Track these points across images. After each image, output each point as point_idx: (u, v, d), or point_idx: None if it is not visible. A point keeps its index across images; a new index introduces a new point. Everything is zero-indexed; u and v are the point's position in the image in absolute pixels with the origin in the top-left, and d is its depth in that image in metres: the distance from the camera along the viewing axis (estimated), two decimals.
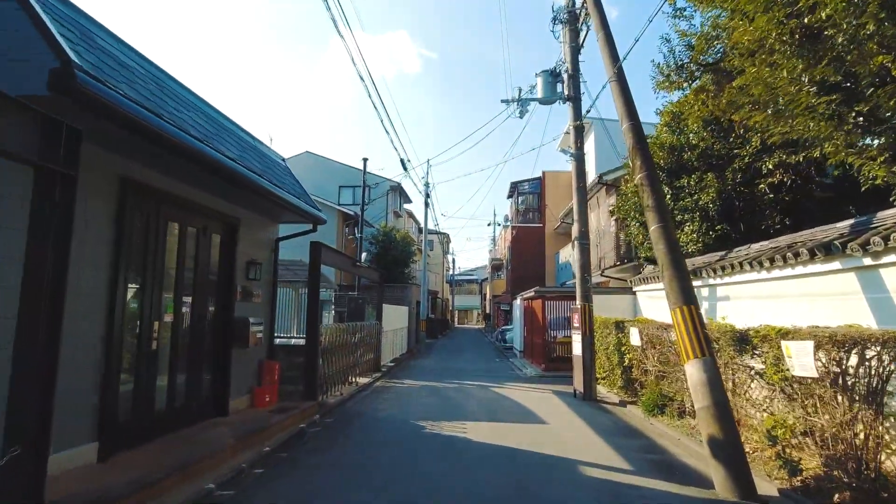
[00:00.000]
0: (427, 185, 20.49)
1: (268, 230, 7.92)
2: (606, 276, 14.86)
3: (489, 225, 71.19)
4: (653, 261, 13.33)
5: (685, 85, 8.25)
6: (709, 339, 5.55)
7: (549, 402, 9.78)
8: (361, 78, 15.27)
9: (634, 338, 8.88)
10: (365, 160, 17.21)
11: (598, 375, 10.47)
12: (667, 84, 8.35)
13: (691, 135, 10.91)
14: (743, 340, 5.86)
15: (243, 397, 7.07)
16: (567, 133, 12.72)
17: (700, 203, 10.19)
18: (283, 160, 8.53)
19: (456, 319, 63.92)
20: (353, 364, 11.08)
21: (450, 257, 51.78)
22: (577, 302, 10.41)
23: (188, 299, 6.02)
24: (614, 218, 14.69)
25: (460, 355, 20.09)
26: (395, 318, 17.10)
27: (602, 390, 10.44)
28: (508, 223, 29.59)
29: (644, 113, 18.43)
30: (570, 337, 14.48)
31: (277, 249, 8.11)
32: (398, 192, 29.36)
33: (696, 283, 8.90)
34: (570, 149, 10.72)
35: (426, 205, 20.50)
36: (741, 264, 7.41)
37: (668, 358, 8.08)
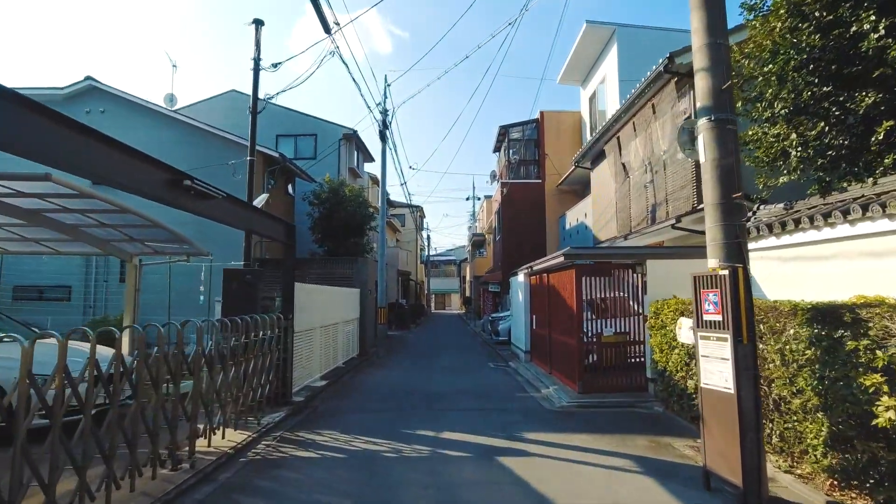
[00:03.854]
0: (385, 112, 14.09)
1: None
2: (679, 229, 8.95)
3: (468, 199, 65.38)
4: (770, 200, 7.36)
5: None
6: None
7: None
8: None
9: None
10: (258, 22, 9.78)
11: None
12: None
13: None
14: None
15: None
16: None
17: None
18: None
19: (433, 304, 57.96)
20: (201, 407, 4.90)
21: (424, 234, 45.40)
22: (711, 262, 4.39)
23: None
24: None
25: (436, 359, 14.00)
26: (333, 307, 10.92)
27: (769, 469, 4.48)
28: (496, 181, 23.39)
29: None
30: (623, 335, 8.57)
31: None
32: (354, 143, 22.84)
33: None
34: None
35: (383, 139, 13.98)
36: None
37: None
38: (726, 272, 4.15)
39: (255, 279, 7.37)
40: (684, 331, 6.19)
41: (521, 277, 13.18)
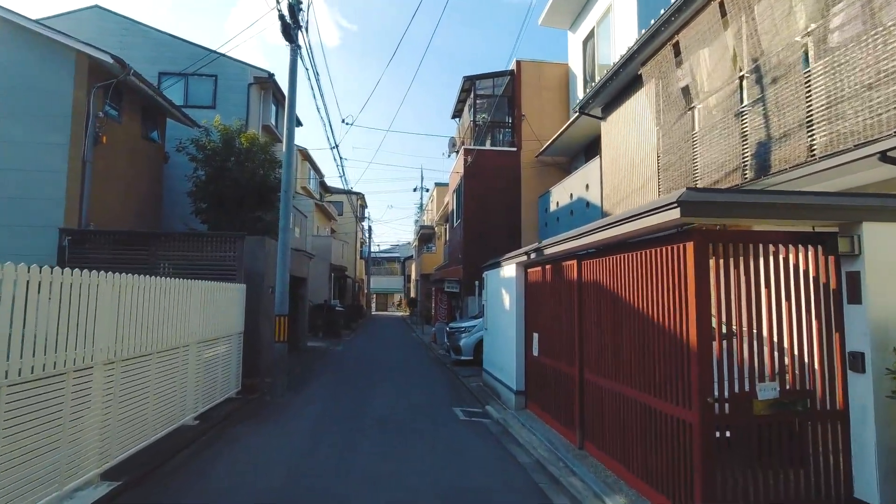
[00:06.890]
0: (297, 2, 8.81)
1: None
2: (893, 161, 4.43)
3: (415, 190, 60.28)
4: None
5: None
6: None
7: None
8: None
9: None
10: None
11: None
12: None
13: None
14: None
15: None
16: None
17: None
18: None
19: (374, 305, 52.36)
20: None
21: (366, 224, 39.75)
22: None
23: None
24: None
25: (369, 399, 8.92)
26: (167, 317, 5.59)
27: None
28: (455, 151, 18.47)
29: None
30: (799, 394, 3.89)
31: None
32: (272, 92, 17.31)
33: None
34: None
35: (288, 37, 8.45)
36: None
37: None
38: None
39: None
40: None
41: (507, 271, 8.33)
